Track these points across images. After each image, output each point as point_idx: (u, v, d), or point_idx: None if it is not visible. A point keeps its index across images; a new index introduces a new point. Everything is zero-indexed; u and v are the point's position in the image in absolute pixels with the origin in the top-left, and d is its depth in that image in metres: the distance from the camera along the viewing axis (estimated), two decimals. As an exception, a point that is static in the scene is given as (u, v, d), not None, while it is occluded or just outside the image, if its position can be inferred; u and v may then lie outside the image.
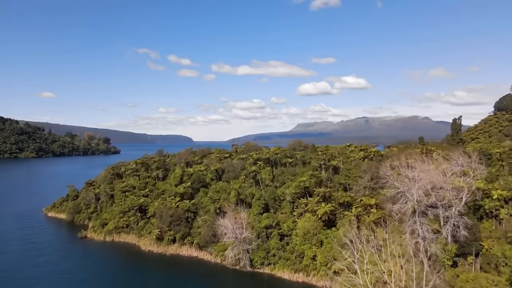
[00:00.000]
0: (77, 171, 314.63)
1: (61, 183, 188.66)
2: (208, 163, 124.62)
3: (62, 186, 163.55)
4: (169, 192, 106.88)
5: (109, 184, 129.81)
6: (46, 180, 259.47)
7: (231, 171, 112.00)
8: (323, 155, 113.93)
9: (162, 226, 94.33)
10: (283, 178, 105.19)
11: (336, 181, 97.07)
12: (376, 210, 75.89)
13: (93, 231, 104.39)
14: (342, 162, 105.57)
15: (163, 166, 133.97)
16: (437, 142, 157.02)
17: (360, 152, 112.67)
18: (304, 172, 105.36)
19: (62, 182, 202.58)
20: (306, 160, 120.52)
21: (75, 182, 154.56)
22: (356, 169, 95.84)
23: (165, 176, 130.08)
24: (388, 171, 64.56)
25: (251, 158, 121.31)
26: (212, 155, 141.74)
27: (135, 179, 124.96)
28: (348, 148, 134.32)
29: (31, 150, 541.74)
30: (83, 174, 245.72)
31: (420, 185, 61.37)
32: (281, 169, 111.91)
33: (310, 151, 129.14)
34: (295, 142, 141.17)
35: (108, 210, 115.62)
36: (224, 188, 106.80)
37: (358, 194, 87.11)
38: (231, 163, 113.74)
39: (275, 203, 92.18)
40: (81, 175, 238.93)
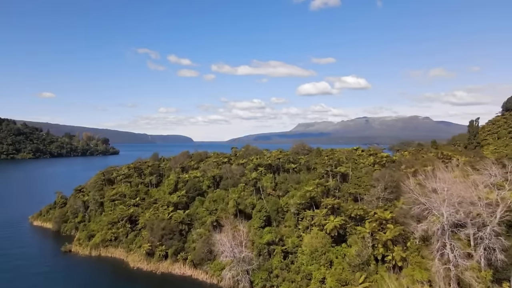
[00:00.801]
0: (74, 173, 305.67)
1: (55, 187, 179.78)
2: (205, 169, 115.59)
3: (55, 190, 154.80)
4: (162, 201, 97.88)
5: (99, 190, 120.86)
6: (39, 183, 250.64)
7: (230, 178, 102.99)
8: (329, 160, 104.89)
9: (153, 239, 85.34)
10: (286, 186, 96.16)
11: (345, 190, 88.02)
12: (393, 226, 66.83)
13: (79, 244, 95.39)
14: (351, 168, 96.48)
15: (157, 171, 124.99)
16: (450, 146, 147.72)
17: (369, 157, 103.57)
18: (309, 180, 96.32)
19: (55, 186, 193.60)
20: (310, 165, 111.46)
21: (70, 185, 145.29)
22: (367, 177, 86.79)
23: (159, 182, 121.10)
24: (410, 184, 55.15)
25: (251, 163, 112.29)
26: (209, 159, 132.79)
27: (127, 186, 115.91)
28: (355, 152, 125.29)
29: (28, 151, 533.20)
30: (79, 176, 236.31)
31: (450, 201, 52.17)
32: (283, 176, 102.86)
33: (315, 155, 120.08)
34: (298, 145, 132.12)
35: (97, 219, 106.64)
36: (222, 196, 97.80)
37: (370, 206, 78.11)
38: (229, 169, 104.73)
39: (278, 215, 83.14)
40: (77, 177, 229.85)
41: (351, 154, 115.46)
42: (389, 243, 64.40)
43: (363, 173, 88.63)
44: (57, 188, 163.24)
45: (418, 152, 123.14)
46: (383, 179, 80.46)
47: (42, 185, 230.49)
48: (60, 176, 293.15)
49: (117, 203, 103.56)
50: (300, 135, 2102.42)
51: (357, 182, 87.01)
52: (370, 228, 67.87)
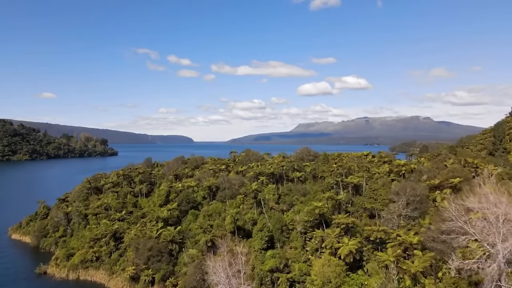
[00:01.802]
0: (68, 176, 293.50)
1: (44, 193, 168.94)
2: (201, 177, 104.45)
3: (45, 195, 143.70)
4: (151, 215, 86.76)
5: (84, 200, 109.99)
6: (29, 187, 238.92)
7: (227, 189, 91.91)
8: (338, 168, 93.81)
9: (138, 262, 74.20)
10: (291, 199, 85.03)
11: (359, 204, 76.86)
12: (421, 253, 55.67)
13: (55, 264, 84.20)
14: (365, 179, 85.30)
15: (148, 179, 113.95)
16: (468, 151, 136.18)
17: (384, 165, 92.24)
18: (316, 191, 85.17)
19: (45, 191, 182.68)
20: (317, 173, 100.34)
21: (61, 191, 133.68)
22: (384, 189, 75.56)
23: (150, 191, 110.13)
24: (453, 210, 43.68)
25: (251, 171, 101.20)
26: (206, 165, 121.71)
27: (113, 196, 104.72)
28: (365, 157, 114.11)
29: (24, 153, 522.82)
30: (72, 180, 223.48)
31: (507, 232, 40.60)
32: (288, 186, 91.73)
33: (322, 161, 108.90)
34: (303, 150, 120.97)
35: (80, 235, 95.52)
36: (218, 210, 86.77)
37: (390, 225, 66.95)
38: (227, 179, 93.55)
39: (282, 235, 71.90)
40: (70, 181, 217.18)
41: (361, 161, 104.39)
42: (418, 275, 53.28)
43: (379, 184, 77.42)
44: (47, 194, 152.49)
45: (435, 157, 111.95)
46: (404, 193, 69.31)
47: (32, 190, 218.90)
48: (53, 179, 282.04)
49: (101, 217, 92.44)
50: (300, 135, 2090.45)
51: (372, 195, 75.80)
52: (393, 254, 56.65)
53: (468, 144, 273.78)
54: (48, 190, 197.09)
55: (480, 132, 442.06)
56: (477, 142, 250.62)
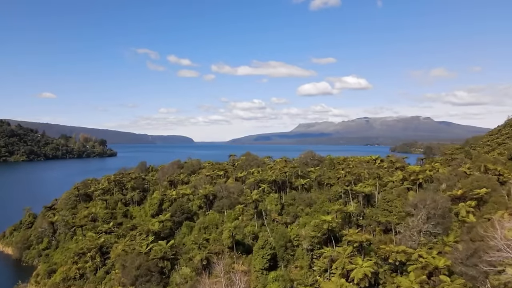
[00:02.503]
0: (65, 178, 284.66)
1: (38, 196, 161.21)
2: (197, 184, 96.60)
3: (38, 199, 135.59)
4: (142, 227, 78.86)
5: (72, 209, 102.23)
6: (23, 190, 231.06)
7: (226, 197, 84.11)
8: (346, 175, 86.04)
9: (125, 281, 66.37)
10: (295, 210, 77.19)
11: (372, 217, 68.98)
12: (449, 279, 47.82)
13: (36, 282, 76.43)
14: (377, 188, 77.39)
15: (141, 185, 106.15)
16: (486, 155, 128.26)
17: (397, 172, 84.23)
18: (323, 201, 77.30)
19: (40, 195, 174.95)
20: (323, 180, 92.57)
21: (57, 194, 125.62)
22: (400, 200, 67.65)
23: (143, 198, 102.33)
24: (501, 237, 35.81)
25: (251, 178, 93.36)
26: (203, 171, 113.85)
27: (102, 205, 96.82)
28: (375, 162, 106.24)
29: (21, 153, 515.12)
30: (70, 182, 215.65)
31: None
32: (291, 195, 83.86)
33: (328, 167, 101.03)
34: (307, 154, 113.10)
35: (65, 247, 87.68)
36: (215, 221, 78.94)
37: (409, 242, 59.11)
38: (225, 187, 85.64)
39: (287, 252, 64.04)
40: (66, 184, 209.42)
41: (371, 166, 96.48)
42: (447, 307, 45.45)
43: (393, 194, 69.49)
44: (40, 198, 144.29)
45: (449, 162, 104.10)
46: (424, 206, 61.50)
47: (24, 194, 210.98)
48: (48, 182, 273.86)
49: (87, 229, 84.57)
50: (300, 136, 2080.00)
51: (387, 207, 67.91)
52: (417, 280, 48.77)
53: (474, 146, 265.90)
54: (42, 193, 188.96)
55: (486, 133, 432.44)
56: (484, 144, 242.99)
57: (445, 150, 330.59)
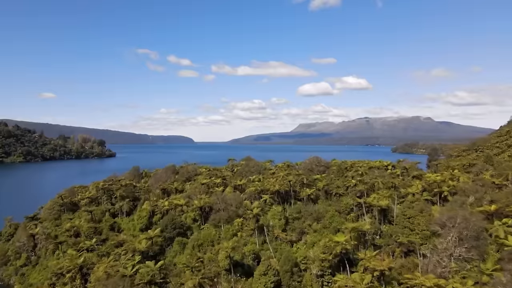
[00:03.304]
0: (60, 180, 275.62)
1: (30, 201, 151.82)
2: (192, 193, 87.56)
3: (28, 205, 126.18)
4: (128, 245, 69.81)
5: (55, 220, 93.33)
6: (15, 194, 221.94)
7: (223, 210, 75.16)
8: (356, 184, 77.08)
9: (106, 311, 57.42)
10: (301, 225, 68.24)
11: (390, 236, 59.98)
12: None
13: (8, 307, 67.40)
14: (396, 201, 68.30)
15: (131, 194, 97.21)
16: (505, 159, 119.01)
17: (415, 182, 75.06)
18: (333, 215, 68.28)
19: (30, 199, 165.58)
20: (331, 189, 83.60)
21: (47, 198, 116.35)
22: (424, 217, 58.63)
23: (133, 208, 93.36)
24: None
25: (252, 186, 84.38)
26: (199, 177, 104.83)
27: (87, 217, 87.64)
28: (386, 168, 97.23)
29: (18, 154, 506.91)
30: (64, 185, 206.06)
31: None
32: (296, 207, 74.94)
33: (336, 173, 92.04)
34: (312, 159, 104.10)
35: (45, 264, 78.66)
36: (210, 238, 69.97)
37: (438, 269, 50.16)
38: (222, 199, 76.60)
39: (293, 279, 55.01)
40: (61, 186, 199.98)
41: (383, 174, 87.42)
42: None
43: (415, 210, 60.39)
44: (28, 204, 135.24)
45: (468, 168, 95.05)
46: (453, 224, 52.50)
47: (12, 199, 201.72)
48: (42, 184, 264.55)
49: (68, 244, 75.54)
50: (301, 136, 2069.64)
51: (408, 224, 58.93)
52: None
53: (482, 147, 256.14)
54: (32, 198, 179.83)
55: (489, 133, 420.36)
56: (493, 146, 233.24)
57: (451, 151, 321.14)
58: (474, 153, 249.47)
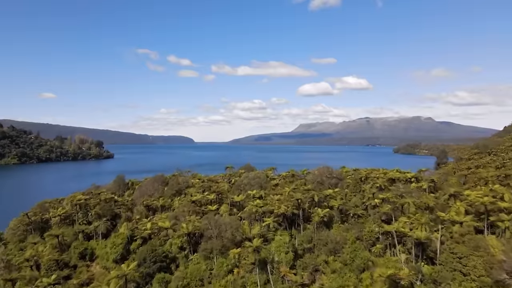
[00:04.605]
0: (52, 183, 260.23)
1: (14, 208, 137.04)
2: (180, 213, 72.84)
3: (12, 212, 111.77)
4: (94, 286, 55.25)
5: (20, 242, 78.88)
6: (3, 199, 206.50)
7: (216, 237, 60.58)
8: (379, 204, 62.47)
9: None
10: (314, 260, 53.68)
11: (436, 282, 45.31)
12: None
13: None
14: (439, 233, 53.43)
15: (109, 211, 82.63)
16: None
17: (457, 204, 60.09)
18: (355, 248, 53.65)
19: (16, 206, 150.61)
20: (347, 209, 69.00)
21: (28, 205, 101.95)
22: (482, 257, 44.01)
23: (111, 229, 78.70)
24: None
25: (251, 204, 69.62)
26: (191, 190, 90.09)
27: (52, 242, 72.70)
28: (415, 182, 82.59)
29: (13, 156, 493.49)
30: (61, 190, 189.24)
31: None
32: (307, 235, 60.39)
33: (352, 188, 77.45)
34: (322, 170, 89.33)
35: (0, 300, 64.19)
36: (199, 275, 55.47)
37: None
38: (215, 222, 61.86)
39: None
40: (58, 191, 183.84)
41: (409, 189, 72.61)
42: None
43: (466, 246, 45.82)
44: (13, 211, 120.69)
45: (504, 179, 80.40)
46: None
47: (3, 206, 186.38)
48: (33, 188, 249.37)
49: (23, 281, 60.90)
50: (301, 136, 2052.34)
51: (459, 267, 44.32)
52: None
53: (496, 150, 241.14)
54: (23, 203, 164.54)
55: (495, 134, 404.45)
56: (508, 149, 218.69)
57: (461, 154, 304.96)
58: (487, 156, 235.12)
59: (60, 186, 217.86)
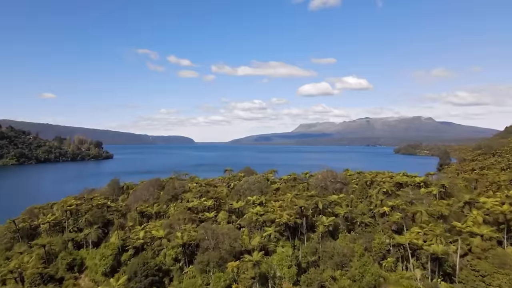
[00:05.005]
0: (51, 185, 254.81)
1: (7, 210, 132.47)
2: (175, 221, 68.33)
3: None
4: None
5: (6, 251, 74.36)
6: None
7: (213, 248, 56.14)
8: (390, 212, 58.00)
9: None
10: (320, 275, 49.20)
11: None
12: None
13: None
14: (459, 247, 48.94)
15: (101, 217, 78.16)
16: None
17: (473, 213, 55.36)
18: (364, 262, 49.20)
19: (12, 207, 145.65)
20: (353, 217, 64.51)
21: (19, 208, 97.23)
22: (508, 276, 39.49)
23: (102, 237, 74.24)
24: None
25: (251, 211, 65.13)
26: (188, 195, 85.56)
27: (39, 252, 68.19)
28: (419, 186, 78.07)
29: (11, 157, 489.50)
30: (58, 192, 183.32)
31: None
32: (311, 246, 55.91)
33: (358, 194, 72.96)
34: (325, 174, 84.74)
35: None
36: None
37: None
38: (212, 232, 57.36)
39: None
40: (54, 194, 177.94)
41: (419, 195, 68.13)
42: None
43: (488, 262, 41.39)
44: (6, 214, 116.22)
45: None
46: None
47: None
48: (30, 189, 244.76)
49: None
50: (301, 136, 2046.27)
51: (482, 286, 39.84)
52: None
53: (500, 151, 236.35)
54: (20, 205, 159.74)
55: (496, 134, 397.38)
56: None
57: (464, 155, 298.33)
58: (491, 157, 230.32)
59: (57, 187, 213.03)
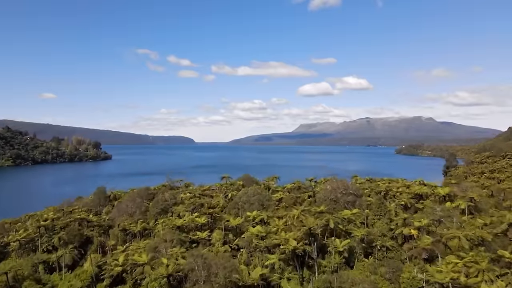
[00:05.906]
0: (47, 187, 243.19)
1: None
2: (161, 244, 57.99)
3: None
4: None
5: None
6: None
7: (204, 281, 45.96)
8: (416, 235, 47.92)
9: None
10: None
11: None
12: None
13: None
14: (499, 278, 38.95)
15: (78, 235, 67.94)
16: None
17: None
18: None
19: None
20: (374, 240, 54.33)
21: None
22: None
23: (78, 259, 64.16)
24: None
25: (251, 233, 54.94)
26: (179, 208, 75.28)
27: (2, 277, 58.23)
28: (445, 199, 68.07)
29: (7, 158, 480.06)
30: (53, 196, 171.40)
31: None
32: (323, 279, 45.75)
33: (375, 209, 62.72)
34: (336, 184, 74.27)
35: None
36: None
37: None
38: (203, 262, 47.16)
39: None
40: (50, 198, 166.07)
41: (449, 212, 58.07)
42: None
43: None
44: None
45: None
46: None
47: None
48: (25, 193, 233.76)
49: None
50: (302, 136, 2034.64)
51: None
52: None
53: (511, 154, 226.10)
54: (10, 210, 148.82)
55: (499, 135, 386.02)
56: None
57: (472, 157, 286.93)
58: (501, 159, 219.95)
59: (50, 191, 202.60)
